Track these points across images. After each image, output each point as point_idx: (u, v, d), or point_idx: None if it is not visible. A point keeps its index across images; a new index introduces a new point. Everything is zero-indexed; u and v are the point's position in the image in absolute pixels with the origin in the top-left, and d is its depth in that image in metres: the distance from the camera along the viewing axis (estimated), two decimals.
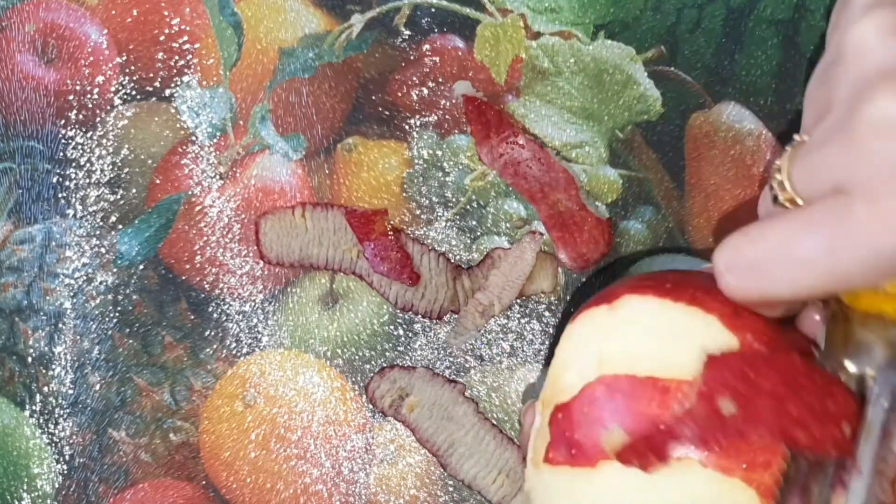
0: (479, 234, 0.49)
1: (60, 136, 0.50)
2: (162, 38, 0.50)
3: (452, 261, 0.49)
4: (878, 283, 0.32)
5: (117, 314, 0.49)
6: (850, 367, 0.34)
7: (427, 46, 0.50)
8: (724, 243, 0.35)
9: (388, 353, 0.49)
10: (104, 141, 0.50)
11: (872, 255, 0.31)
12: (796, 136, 0.36)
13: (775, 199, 0.35)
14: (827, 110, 0.35)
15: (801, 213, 0.33)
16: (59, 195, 0.50)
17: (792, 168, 0.34)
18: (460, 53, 0.50)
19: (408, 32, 0.50)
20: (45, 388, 0.49)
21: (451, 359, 0.49)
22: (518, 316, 0.48)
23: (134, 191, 0.50)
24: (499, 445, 0.47)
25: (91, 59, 0.50)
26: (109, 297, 0.49)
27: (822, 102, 0.36)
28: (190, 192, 0.50)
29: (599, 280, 0.49)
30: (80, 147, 0.50)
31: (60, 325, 0.49)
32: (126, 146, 0.50)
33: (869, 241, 0.31)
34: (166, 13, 0.50)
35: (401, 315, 0.49)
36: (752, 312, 0.35)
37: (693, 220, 0.49)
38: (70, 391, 0.49)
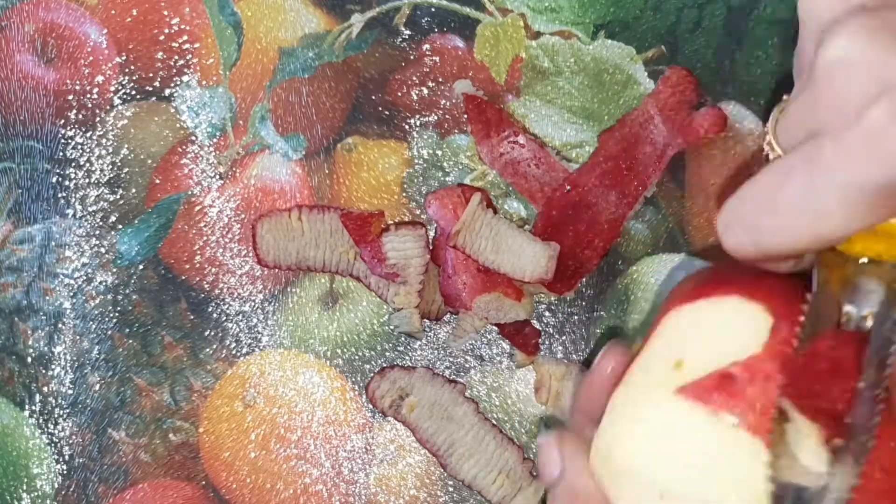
0: None
1: (60, 135, 0.50)
2: (162, 37, 0.50)
3: None
4: (863, 220, 0.33)
5: (117, 314, 0.49)
6: (851, 310, 0.34)
7: (427, 46, 0.50)
8: (722, 207, 0.36)
9: (388, 353, 0.49)
10: (104, 141, 0.50)
11: (845, 189, 0.32)
12: (785, 97, 0.37)
13: (766, 158, 0.36)
14: (800, 71, 0.37)
15: (779, 161, 0.34)
16: (59, 195, 0.50)
17: (776, 128, 0.36)
18: (460, 53, 0.50)
19: (408, 32, 0.50)
20: (45, 388, 0.49)
21: (451, 359, 0.49)
22: None
23: (133, 191, 0.50)
24: (499, 445, 0.47)
25: (91, 58, 0.50)
26: (109, 297, 0.49)
27: (798, 70, 0.38)
28: (189, 192, 0.49)
29: (599, 279, 0.49)
30: (79, 147, 0.50)
31: (60, 325, 0.49)
32: (126, 146, 0.50)
33: (839, 175, 0.32)
34: (166, 13, 0.50)
35: None
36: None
37: (693, 220, 0.49)
38: (70, 391, 0.49)
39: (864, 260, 0.34)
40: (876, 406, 0.33)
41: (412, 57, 0.50)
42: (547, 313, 0.48)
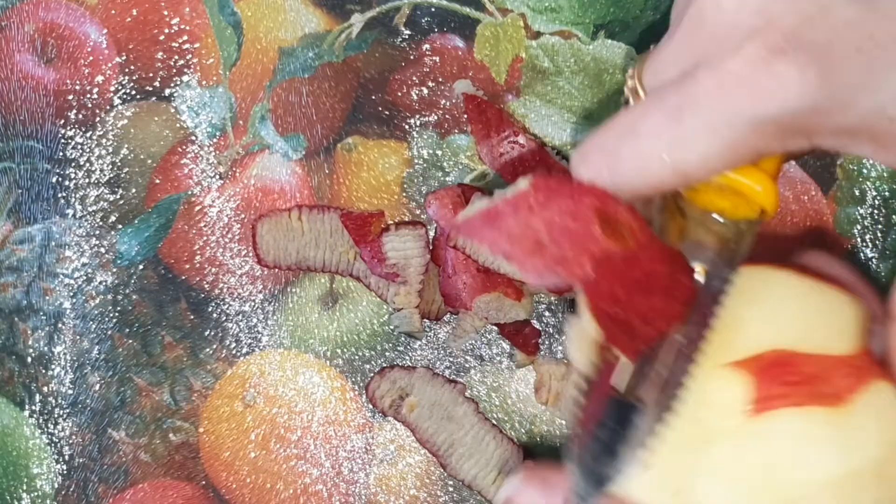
0: None
1: (60, 135, 0.50)
2: (161, 37, 0.50)
3: None
4: (724, 158, 0.32)
5: (117, 314, 0.49)
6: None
7: (427, 46, 0.50)
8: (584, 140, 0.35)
9: (388, 353, 0.49)
10: (104, 141, 0.50)
11: (713, 121, 0.31)
12: (652, 46, 0.36)
13: (626, 102, 0.35)
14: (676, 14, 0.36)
15: (648, 97, 0.34)
16: (59, 195, 0.50)
17: (643, 72, 0.35)
18: (460, 53, 0.50)
19: (408, 32, 0.50)
20: (45, 388, 0.49)
21: (451, 359, 0.49)
22: None
23: (133, 190, 0.50)
24: (499, 445, 0.47)
25: (91, 58, 0.50)
26: (109, 296, 0.49)
27: (677, 14, 0.37)
28: (190, 192, 0.49)
29: None
30: (79, 147, 0.50)
31: (60, 325, 0.49)
32: (126, 146, 0.50)
33: (709, 106, 0.31)
34: (166, 13, 0.50)
35: None
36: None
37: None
38: (70, 391, 0.49)
39: (708, 215, 0.34)
40: (686, 364, 0.33)
41: (412, 57, 0.50)
42: (547, 313, 0.48)
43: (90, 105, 0.50)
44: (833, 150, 0.32)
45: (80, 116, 0.50)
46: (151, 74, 0.50)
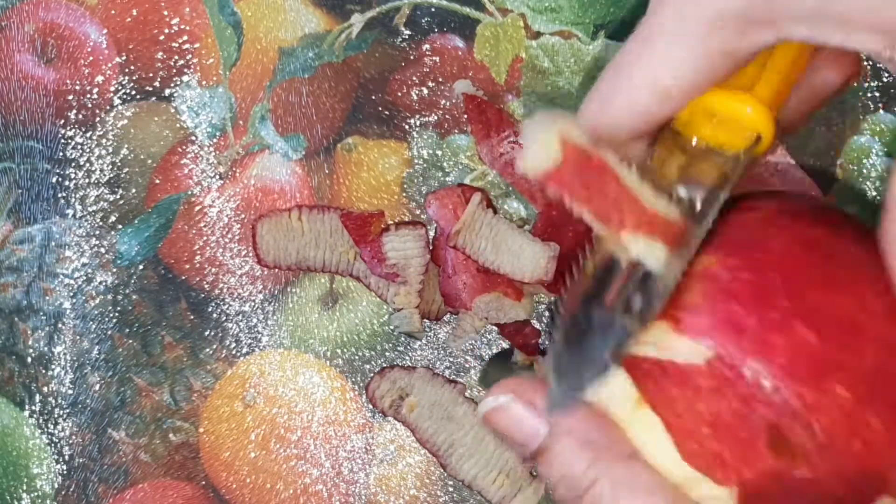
0: None
1: (60, 135, 0.50)
2: (161, 37, 0.50)
3: None
4: (698, 67, 0.32)
5: (117, 314, 0.49)
6: (682, 192, 0.34)
7: (427, 46, 0.50)
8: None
9: (388, 353, 0.49)
10: (104, 141, 0.50)
11: (679, 26, 0.31)
12: None
13: None
14: None
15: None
16: (59, 195, 0.50)
17: None
18: (460, 53, 0.50)
19: (408, 32, 0.50)
20: (45, 388, 0.49)
21: (451, 359, 0.49)
22: None
23: (133, 191, 0.50)
24: (499, 445, 0.47)
25: (90, 58, 0.50)
26: (109, 297, 0.49)
27: None
28: (189, 192, 0.49)
29: None
30: (79, 147, 0.50)
31: (60, 325, 0.49)
32: (126, 146, 0.50)
33: (670, 16, 0.31)
34: (166, 13, 0.50)
35: None
36: None
37: None
38: (70, 391, 0.49)
39: (705, 148, 0.34)
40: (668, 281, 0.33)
41: (412, 57, 0.50)
42: (547, 313, 0.48)
43: (90, 105, 0.50)
44: (805, 41, 0.32)
45: (80, 116, 0.50)
46: (151, 74, 0.50)
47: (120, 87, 0.50)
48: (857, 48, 0.31)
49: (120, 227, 0.49)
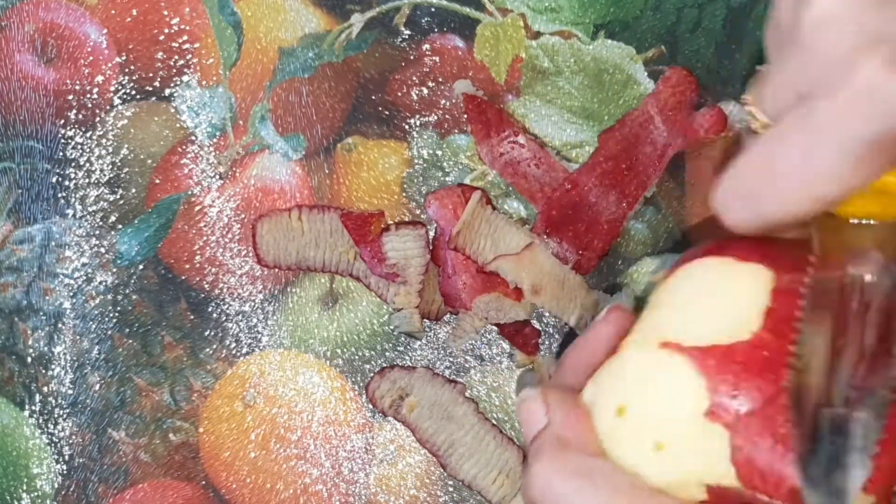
0: None
1: (60, 135, 0.50)
2: (161, 37, 0.50)
3: None
4: (862, 176, 0.33)
5: (117, 314, 0.49)
6: (853, 272, 0.35)
7: (427, 46, 0.50)
8: (718, 184, 0.36)
9: (388, 353, 0.49)
10: (104, 141, 0.50)
11: (842, 147, 0.32)
12: (758, 67, 0.37)
13: (750, 130, 0.36)
14: (779, 40, 0.36)
15: (773, 130, 0.34)
16: (59, 195, 0.50)
17: (759, 96, 0.36)
18: (460, 53, 0.50)
19: (408, 32, 0.50)
20: (45, 388, 0.49)
21: (451, 359, 0.49)
22: None
23: (133, 191, 0.50)
24: (499, 445, 0.47)
25: (90, 58, 0.50)
26: (109, 297, 0.49)
27: (776, 39, 0.37)
28: (189, 192, 0.49)
29: (599, 280, 0.49)
30: (79, 147, 0.50)
31: (60, 325, 0.49)
32: (126, 146, 0.50)
33: (835, 134, 0.32)
34: (166, 13, 0.50)
35: None
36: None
37: (693, 220, 0.49)
38: (70, 391, 0.49)
39: (862, 221, 0.35)
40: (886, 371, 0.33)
41: (412, 57, 0.50)
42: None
43: (90, 105, 0.50)
44: None
45: (80, 116, 0.50)
46: (151, 74, 0.50)
47: (120, 87, 0.50)
48: None
49: (120, 227, 0.49)
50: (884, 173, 0.33)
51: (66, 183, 0.50)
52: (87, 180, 0.50)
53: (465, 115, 0.49)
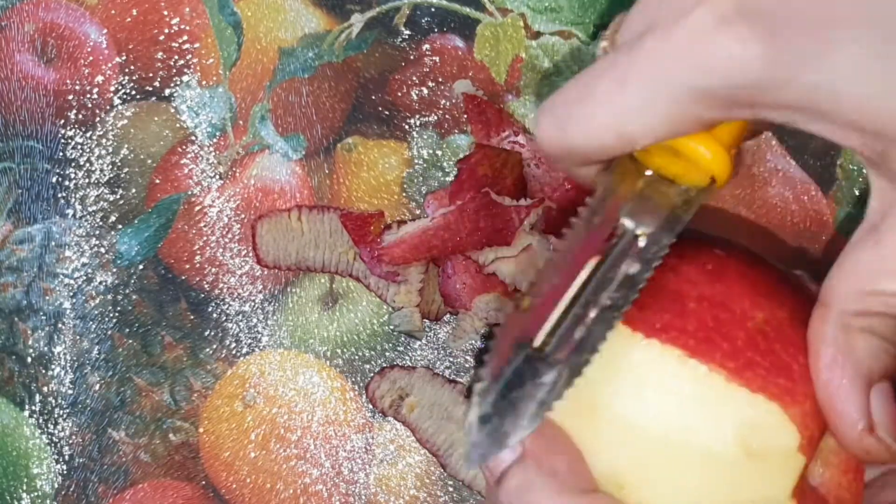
0: None
1: (60, 135, 0.50)
2: (161, 37, 0.50)
3: None
4: (666, 126, 0.32)
5: (117, 314, 0.49)
6: (627, 223, 0.34)
7: (427, 46, 0.50)
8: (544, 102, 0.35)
9: (388, 353, 0.49)
10: (104, 141, 0.50)
11: (655, 88, 0.31)
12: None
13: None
14: None
15: (605, 57, 0.33)
16: (59, 195, 0.50)
17: (614, 34, 0.35)
18: (460, 53, 0.50)
19: (408, 32, 0.50)
20: (45, 388, 0.49)
21: (451, 359, 0.49)
22: None
23: (133, 191, 0.50)
24: None
25: (90, 58, 0.50)
26: (109, 297, 0.49)
27: None
28: (189, 192, 0.49)
29: None
30: (79, 147, 0.50)
31: (60, 325, 0.49)
32: (126, 146, 0.50)
33: (651, 73, 0.31)
34: (166, 13, 0.50)
35: None
36: None
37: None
38: (70, 391, 0.49)
39: (659, 178, 0.34)
40: (604, 328, 0.33)
41: (412, 57, 0.50)
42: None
43: (90, 105, 0.50)
44: (782, 123, 0.32)
45: (80, 116, 0.50)
46: (151, 74, 0.50)
47: (120, 87, 0.50)
48: (834, 140, 0.31)
49: (120, 227, 0.49)
50: (695, 130, 0.32)
51: (66, 183, 0.50)
52: (87, 180, 0.50)
53: (465, 115, 0.49)
